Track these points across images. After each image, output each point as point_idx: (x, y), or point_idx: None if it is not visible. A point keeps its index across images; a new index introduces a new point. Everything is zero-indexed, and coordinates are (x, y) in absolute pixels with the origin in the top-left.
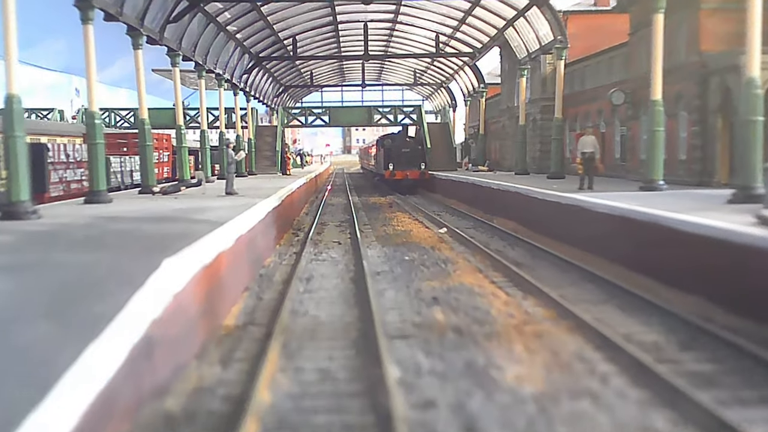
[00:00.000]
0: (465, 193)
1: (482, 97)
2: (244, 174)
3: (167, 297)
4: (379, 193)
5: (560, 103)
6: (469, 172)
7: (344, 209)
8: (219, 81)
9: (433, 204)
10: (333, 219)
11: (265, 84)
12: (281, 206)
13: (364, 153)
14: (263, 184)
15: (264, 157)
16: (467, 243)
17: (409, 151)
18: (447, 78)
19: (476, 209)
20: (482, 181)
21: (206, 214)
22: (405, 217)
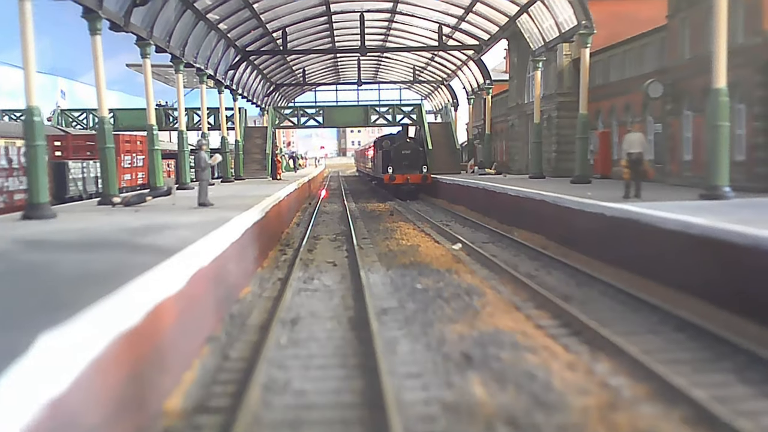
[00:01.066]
0: (475, 199)
1: (488, 94)
2: (230, 179)
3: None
4: (378, 198)
5: (586, 97)
6: (474, 176)
7: (340, 218)
8: (200, 77)
9: (438, 212)
10: (327, 231)
11: (254, 82)
12: (266, 219)
13: (360, 155)
14: (248, 191)
15: (253, 160)
16: (490, 264)
17: (409, 153)
18: (448, 75)
19: (490, 219)
20: (497, 186)
21: (162, 237)
22: (409, 227)
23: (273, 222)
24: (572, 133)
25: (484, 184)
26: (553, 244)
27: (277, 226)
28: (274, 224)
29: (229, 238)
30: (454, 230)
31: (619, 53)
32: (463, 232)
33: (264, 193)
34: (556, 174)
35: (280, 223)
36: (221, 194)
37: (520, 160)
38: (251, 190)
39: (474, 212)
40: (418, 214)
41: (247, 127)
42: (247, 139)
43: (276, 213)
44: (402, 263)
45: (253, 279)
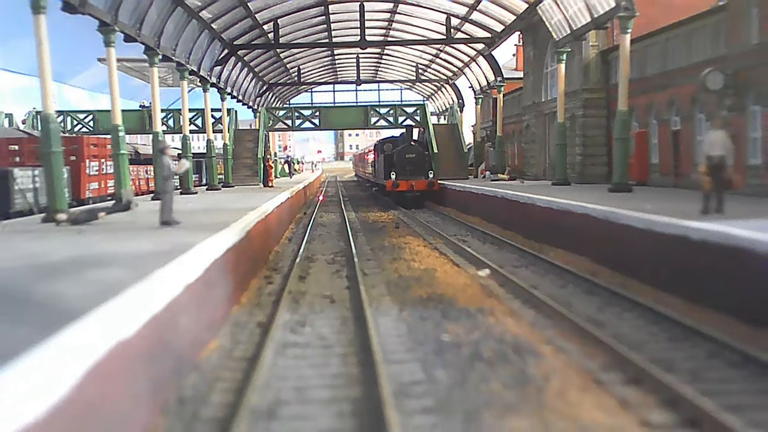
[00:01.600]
0: (493, 210)
1: (499, 93)
2: (217, 187)
3: None
4: (380, 207)
5: (626, 90)
6: (486, 182)
7: (338, 232)
8: (181, 72)
9: (449, 223)
10: (324, 249)
11: (245, 80)
12: (247, 241)
13: (359, 159)
14: (232, 201)
15: (244, 165)
16: (534, 300)
17: (414, 157)
18: (454, 73)
19: (513, 233)
20: (520, 195)
21: (80, 282)
22: (419, 244)
23: (258, 242)
24: (599, 134)
25: (503, 192)
26: (604, 271)
27: (263, 245)
28: (259, 244)
29: (185, 276)
30: (474, 248)
31: (660, 42)
32: (485, 251)
33: (249, 205)
34: (581, 180)
35: (267, 241)
36: (198, 207)
37: (537, 164)
38: (236, 200)
39: (492, 225)
40: (427, 227)
41: (237, 130)
42: (238, 142)
43: (262, 230)
44: (418, 297)
45: (224, 326)
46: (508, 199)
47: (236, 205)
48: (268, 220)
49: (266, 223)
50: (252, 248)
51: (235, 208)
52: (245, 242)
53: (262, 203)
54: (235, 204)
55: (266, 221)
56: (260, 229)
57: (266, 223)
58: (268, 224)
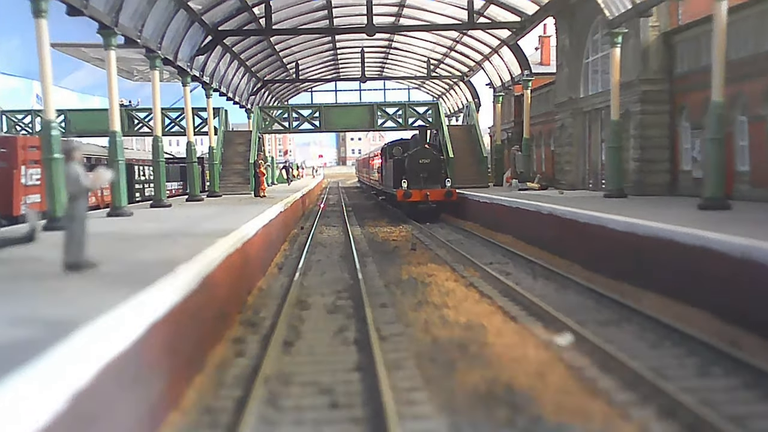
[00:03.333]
0: (534, 229)
1: (526, 88)
2: (199, 198)
3: None
4: (388, 219)
5: (721, 76)
6: (513, 191)
7: (342, 257)
8: (151, 60)
9: (477, 244)
10: (322, 286)
11: (235, 75)
12: (203, 292)
13: (363, 165)
14: (205, 220)
15: (234, 172)
16: (684, 413)
17: (428, 163)
18: (471, 68)
19: (569, 262)
20: (578, 213)
21: None
22: (449, 277)
23: (227, 285)
24: (660, 135)
25: (550, 207)
26: (751, 341)
27: (235, 287)
28: (230, 287)
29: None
30: (525, 285)
31: (752, 16)
32: (543, 292)
33: (226, 226)
34: (638, 191)
35: (244, 278)
36: (157, 229)
37: (574, 171)
38: (213, 217)
39: (533, 248)
40: (450, 248)
41: (227, 132)
42: (228, 145)
43: (238, 264)
44: (472, 392)
45: None
46: (559, 217)
47: (209, 225)
48: (248, 248)
49: (245, 254)
50: (215, 299)
51: (205, 231)
52: (200, 295)
53: (243, 222)
54: (209, 224)
55: (245, 251)
56: (234, 263)
57: (245, 253)
58: (249, 253)
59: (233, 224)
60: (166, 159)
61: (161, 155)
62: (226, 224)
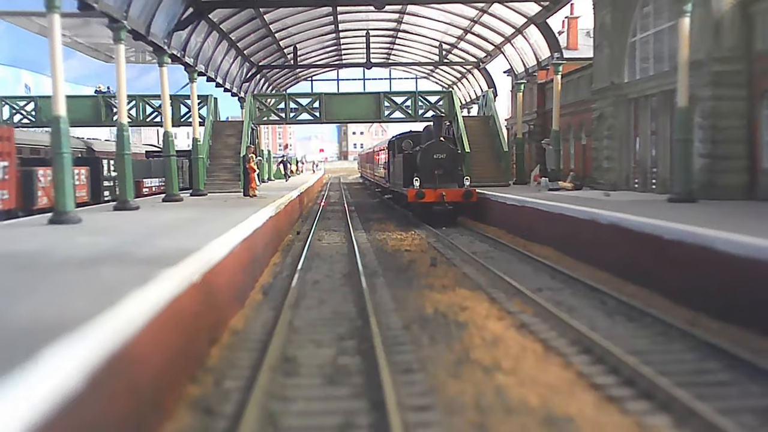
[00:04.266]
0: (589, 243)
1: (557, 73)
2: (177, 197)
3: None
4: (397, 223)
5: None
6: (542, 191)
7: (344, 277)
8: (115, 32)
9: (513, 258)
10: (319, 326)
11: (225, 58)
12: (116, 376)
13: (366, 160)
14: (168, 233)
15: (223, 167)
16: None
17: (444, 159)
18: (488, 53)
19: (649, 292)
20: (665, 227)
21: None
22: (491, 313)
23: (162, 353)
24: (737, 126)
25: (612, 216)
26: None
27: (181, 353)
28: (169, 356)
29: None
30: (607, 332)
31: None
32: (637, 344)
33: (186, 244)
34: (707, 194)
35: (200, 329)
36: (88, 247)
37: (616, 168)
38: (179, 227)
39: (586, 266)
40: (480, 265)
41: (216, 122)
42: (217, 137)
43: (189, 308)
44: None
45: None
46: (628, 230)
47: (166, 242)
48: (215, 277)
49: (208, 288)
50: (155, 368)
51: (154, 253)
52: (118, 394)
53: (217, 236)
54: (167, 239)
55: (208, 283)
56: (182, 311)
57: (208, 287)
58: (216, 284)
59: (200, 239)
60: (150, 152)
61: (126, 147)
62: (191, 240)
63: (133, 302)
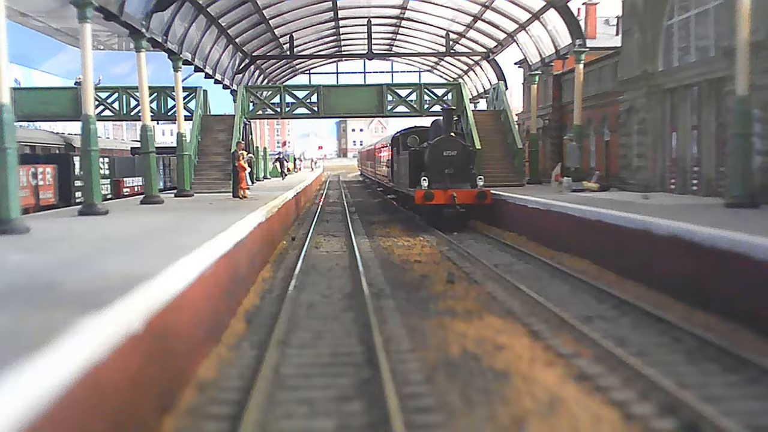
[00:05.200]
0: (641, 258)
1: (579, 62)
2: (157, 199)
3: None
4: (403, 227)
5: None
6: (562, 192)
7: (345, 298)
8: (79, 8)
9: (544, 274)
10: (314, 378)
11: (215, 46)
12: None
13: (367, 157)
14: (121, 249)
15: (212, 165)
16: None
17: (455, 156)
18: (499, 43)
19: (734, 326)
20: (755, 245)
21: None
22: (532, 352)
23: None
24: None
25: (672, 225)
26: None
27: (124, 419)
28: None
29: None
30: (701, 389)
31: None
32: (753, 409)
33: (141, 268)
34: (766, 198)
35: (161, 378)
36: (12, 271)
37: (650, 167)
38: (144, 240)
39: (638, 286)
40: (507, 282)
41: (205, 116)
42: (206, 133)
43: (145, 353)
44: None
45: None
46: (695, 245)
47: (116, 264)
48: (170, 317)
49: (159, 334)
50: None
51: (90, 285)
52: None
53: (186, 254)
54: (120, 259)
55: (160, 328)
56: (111, 380)
57: (159, 333)
58: (173, 329)
59: (163, 259)
60: (137, 149)
61: (93, 142)
62: (150, 260)
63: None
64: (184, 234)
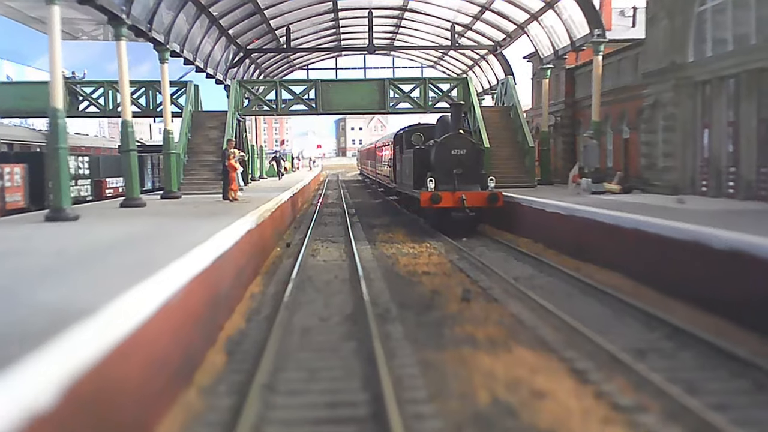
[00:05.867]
0: (692, 277)
1: (597, 54)
2: (137, 202)
3: None
4: (406, 230)
5: None
6: (581, 194)
7: (346, 322)
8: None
9: (574, 290)
10: (310, 423)
11: (207, 38)
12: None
13: (367, 156)
14: (70, 271)
15: (203, 164)
16: None
17: (465, 155)
18: (507, 35)
19: None
20: None
21: None
22: (584, 404)
23: None
24: None
25: (730, 238)
26: None
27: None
28: None
29: None
30: None
31: None
32: None
33: (80, 300)
34: None
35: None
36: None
37: (679, 168)
38: (102, 256)
39: (681, 305)
40: (534, 302)
41: (196, 112)
42: (197, 130)
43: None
44: None
45: None
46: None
47: (52, 294)
48: (110, 372)
49: (91, 401)
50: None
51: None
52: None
53: (149, 275)
54: (61, 286)
55: (93, 395)
56: None
57: (92, 400)
58: (115, 386)
59: (117, 283)
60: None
61: (62, 139)
62: (104, 283)
63: None
64: (156, 246)
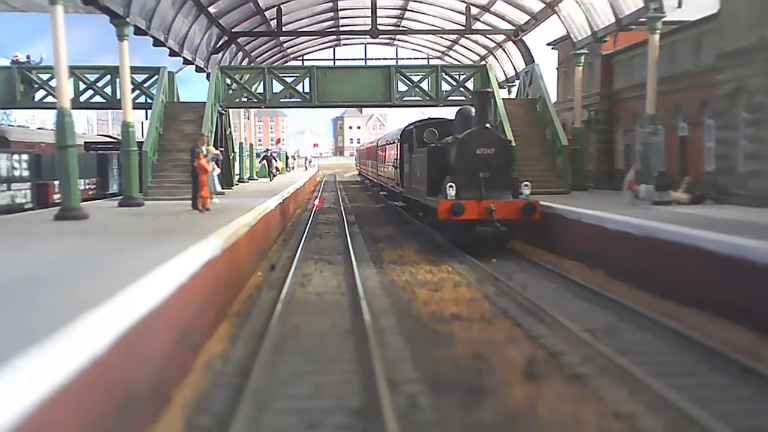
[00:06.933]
0: None
1: (653, 32)
2: (76, 213)
3: None
4: (418, 246)
5: None
6: (637, 204)
7: (348, 418)
8: None
9: (683, 355)
10: None
11: (179, 16)
12: None
13: (367, 156)
14: None
15: (176, 164)
16: None
17: (493, 155)
18: (532, 16)
19: None
20: None
21: None
22: None
23: None
24: None
25: None
26: None
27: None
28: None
29: None
30: None
31: None
32: None
33: None
34: None
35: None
36: None
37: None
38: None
39: None
40: (640, 384)
41: (170, 103)
42: (170, 123)
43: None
44: None
45: None
46: None
47: None
48: None
49: None
50: None
51: None
52: None
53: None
54: None
55: None
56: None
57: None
58: None
59: None
60: (93, 143)
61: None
62: None
63: None
64: (68, 292)
